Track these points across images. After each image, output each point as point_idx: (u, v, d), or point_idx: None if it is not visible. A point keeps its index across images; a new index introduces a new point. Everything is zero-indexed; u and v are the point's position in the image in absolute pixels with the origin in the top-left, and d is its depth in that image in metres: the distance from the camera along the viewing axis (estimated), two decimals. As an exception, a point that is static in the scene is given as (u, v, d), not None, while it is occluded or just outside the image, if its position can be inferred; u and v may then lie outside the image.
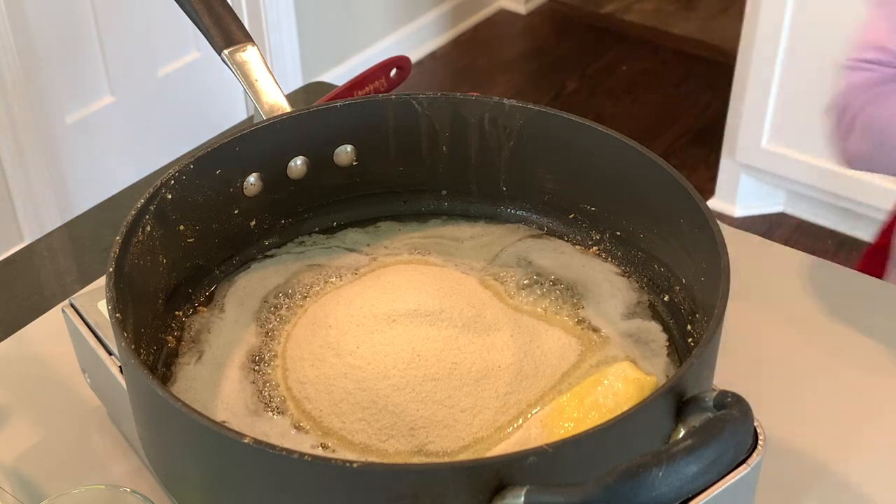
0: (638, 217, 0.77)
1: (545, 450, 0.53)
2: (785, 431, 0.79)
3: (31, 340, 0.89)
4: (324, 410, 0.67)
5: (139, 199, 0.70)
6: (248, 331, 0.75)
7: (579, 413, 0.64)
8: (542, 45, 3.12)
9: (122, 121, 2.35)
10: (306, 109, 0.78)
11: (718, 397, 0.56)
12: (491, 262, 0.80)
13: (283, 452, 0.53)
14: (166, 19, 2.32)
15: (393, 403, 0.66)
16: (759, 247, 0.98)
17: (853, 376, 0.85)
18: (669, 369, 0.72)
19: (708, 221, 0.67)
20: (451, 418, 0.66)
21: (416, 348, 0.68)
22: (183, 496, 0.65)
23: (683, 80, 2.96)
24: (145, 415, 0.63)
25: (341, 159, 0.81)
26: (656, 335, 0.74)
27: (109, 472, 0.77)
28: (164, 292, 0.74)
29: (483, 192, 0.83)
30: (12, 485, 0.76)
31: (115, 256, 0.66)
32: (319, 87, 1.30)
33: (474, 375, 0.67)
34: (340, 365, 0.68)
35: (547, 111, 0.78)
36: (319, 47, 2.71)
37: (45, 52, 2.14)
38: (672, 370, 0.72)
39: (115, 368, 0.71)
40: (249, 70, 0.79)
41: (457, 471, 0.54)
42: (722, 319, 0.61)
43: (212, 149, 0.74)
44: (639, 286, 0.78)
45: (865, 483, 0.76)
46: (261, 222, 0.80)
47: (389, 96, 0.79)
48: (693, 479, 0.51)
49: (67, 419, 0.81)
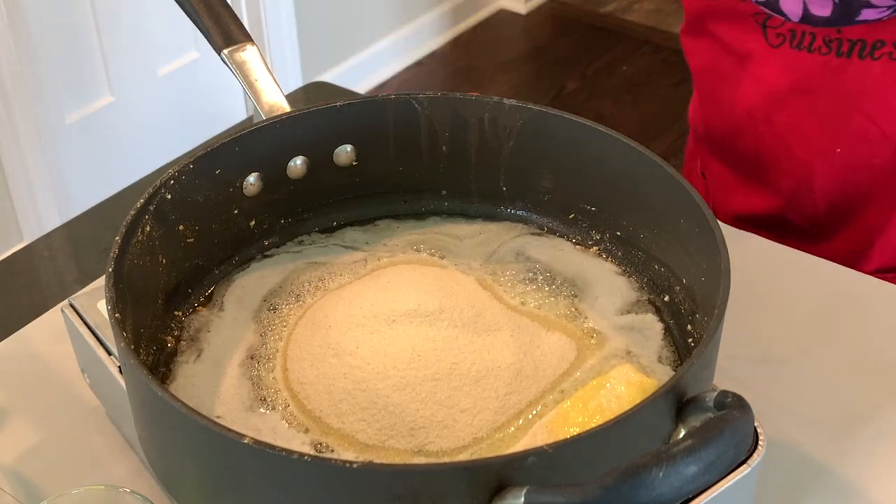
0: (638, 217, 0.77)
1: (545, 450, 0.53)
2: (785, 431, 0.79)
3: (30, 340, 0.88)
4: (323, 410, 0.67)
5: (139, 199, 0.70)
6: (247, 329, 0.75)
7: (584, 418, 0.64)
8: (542, 45, 3.12)
9: (122, 121, 2.35)
10: (306, 109, 0.78)
11: (718, 397, 0.56)
12: (489, 258, 0.80)
13: (283, 452, 0.53)
14: (166, 19, 2.32)
15: (393, 403, 0.66)
16: (759, 247, 0.98)
17: (853, 376, 0.85)
18: (665, 353, 0.72)
19: (708, 221, 0.67)
20: (450, 418, 0.66)
21: (415, 348, 0.68)
22: (183, 496, 0.65)
23: (683, 80, 2.96)
24: (145, 415, 0.63)
25: (341, 159, 0.81)
26: (652, 325, 0.74)
27: (109, 472, 0.77)
28: (164, 292, 0.74)
29: (483, 192, 0.83)
30: (12, 485, 0.76)
31: (115, 256, 0.66)
32: (319, 87, 1.30)
33: (474, 375, 0.67)
34: (340, 365, 0.68)
35: (547, 111, 0.78)
36: (319, 47, 2.71)
37: (45, 52, 2.14)
38: (668, 354, 0.72)
39: (115, 368, 0.71)
40: (249, 70, 0.79)
41: (457, 471, 0.54)
42: (722, 319, 0.61)
43: (212, 149, 0.74)
44: (639, 286, 0.78)
45: (865, 483, 0.76)
46: (260, 222, 0.80)
47: (389, 96, 0.79)
48: (693, 479, 0.51)
49: (67, 419, 0.81)
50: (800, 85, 1.04)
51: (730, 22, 1.07)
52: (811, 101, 1.05)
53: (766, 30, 1.04)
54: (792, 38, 1.03)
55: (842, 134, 1.05)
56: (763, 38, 1.04)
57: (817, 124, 1.05)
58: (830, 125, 1.05)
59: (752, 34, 1.05)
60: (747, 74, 1.08)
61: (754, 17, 1.04)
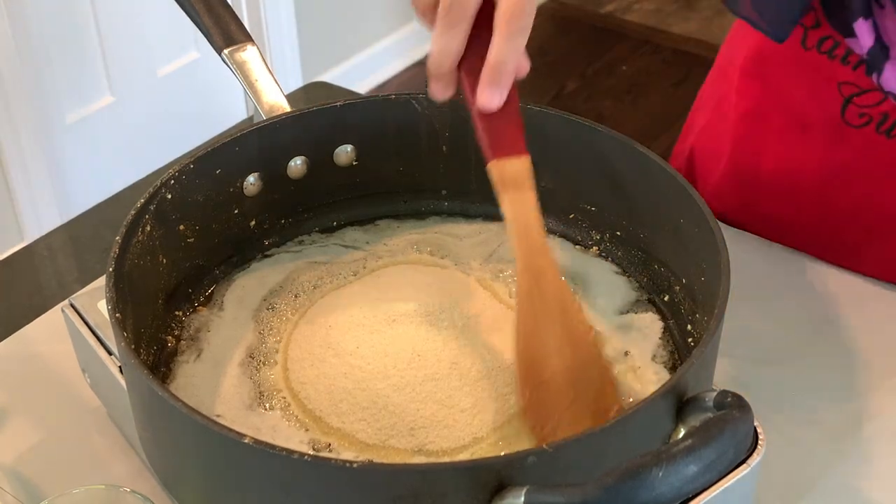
0: (638, 217, 0.77)
1: (545, 450, 0.53)
2: (785, 431, 0.79)
3: (31, 340, 0.88)
4: (324, 410, 0.67)
5: (139, 199, 0.70)
6: (247, 329, 0.75)
7: None
8: (542, 45, 3.12)
9: (122, 121, 2.35)
10: (306, 109, 0.78)
11: (718, 397, 0.56)
12: (489, 258, 0.80)
13: (283, 452, 0.53)
14: (166, 19, 2.32)
15: (393, 403, 0.66)
16: (759, 247, 0.98)
17: (853, 376, 0.85)
18: (661, 352, 0.72)
19: (708, 221, 0.67)
20: (450, 418, 0.66)
21: (415, 348, 0.68)
22: (183, 496, 0.65)
23: (683, 80, 2.96)
24: (145, 415, 0.63)
25: (341, 159, 0.81)
26: (652, 324, 0.74)
27: (109, 472, 0.77)
28: (164, 292, 0.74)
29: (483, 192, 0.83)
30: (12, 485, 0.76)
31: (115, 256, 0.66)
32: (319, 87, 1.29)
33: (474, 375, 0.67)
34: (340, 364, 0.68)
35: (547, 111, 0.78)
36: (319, 47, 2.71)
37: (45, 52, 2.14)
38: (664, 353, 0.72)
39: (115, 368, 0.71)
40: (249, 70, 0.79)
41: (457, 471, 0.54)
42: (722, 319, 0.61)
43: (212, 149, 0.74)
44: (638, 286, 0.78)
45: (865, 483, 0.76)
46: (261, 222, 0.80)
47: (389, 96, 0.79)
48: (693, 479, 0.51)
49: (67, 419, 0.81)
50: (868, 170, 0.90)
51: (796, 77, 0.90)
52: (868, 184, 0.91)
53: (846, 107, 0.87)
54: (882, 122, 0.86)
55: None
56: (839, 113, 0.88)
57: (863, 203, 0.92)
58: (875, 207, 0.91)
59: (824, 101, 0.88)
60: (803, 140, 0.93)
61: (839, 88, 0.87)
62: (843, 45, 0.84)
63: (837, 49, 0.85)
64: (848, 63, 0.85)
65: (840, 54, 0.85)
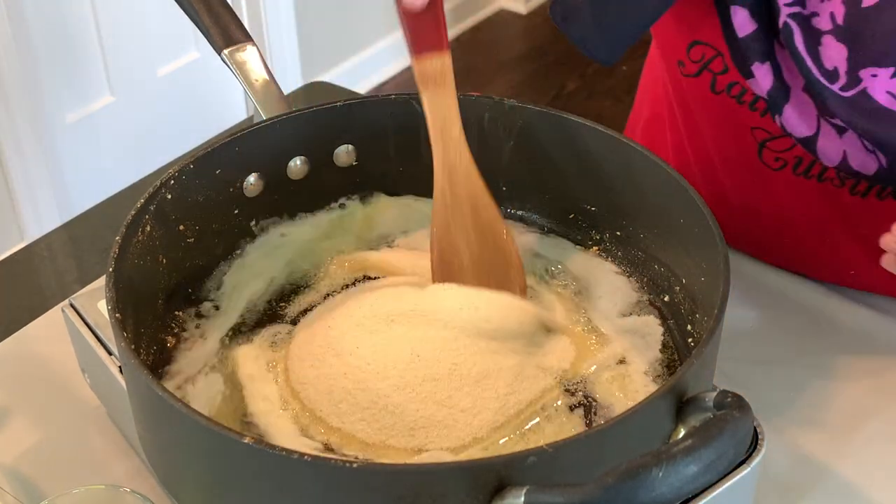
0: (638, 217, 0.77)
1: (545, 450, 0.53)
2: (785, 431, 0.79)
3: (30, 340, 0.88)
4: (324, 410, 0.67)
5: (139, 199, 0.70)
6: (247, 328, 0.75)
7: None
8: (542, 45, 3.12)
9: (122, 121, 2.35)
10: (306, 109, 0.78)
11: (718, 397, 0.56)
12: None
13: (283, 452, 0.53)
14: (166, 19, 2.32)
15: (393, 403, 0.66)
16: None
17: (853, 376, 0.85)
18: (660, 357, 0.72)
19: (708, 221, 0.67)
20: (450, 418, 0.66)
21: (415, 348, 0.68)
22: (183, 496, 0.65)
23: (683, 80, 2.96)
24: (145, 415, 0.63)
25: (341, 159, 0.81)
26: (653, 327, 0.74)
27: (109, 472, 0.77)
28: (164, 292, 0.74)
29: (483, 192, 0.83)
30: (12, 485, 0.76)
31: (115, 256, 0.66)
32: (319, 87, 1.30)
33: (474, 376, 0.67)
34: (340, 365, 0.68)
35: (547, 111, 0.78)
36: (319, 47, 2.71)
37: (45, 52, 2.14)
38: (663, 358, 0.72)
39: (115, 368, 0.71)
40: (249, 70, 0.79)
41: (457, 471, 0.54)
42: (722, 319, 0.61)
43: (212, 149, 0.74)
44: (639, 286, 0.78)
45: (865, 483, 0.76)
46: (260, 222, 0.80)
47: (389, 96, 0.79)
48: (693, 479, 0.51)
49: (67, 419, 0.81)
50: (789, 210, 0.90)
51: (712, 118, 0.89)
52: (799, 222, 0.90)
53: (762, 150, 0.86)
54: (797, 165, 0.86)
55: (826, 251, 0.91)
56: (757, 157, 0.87)
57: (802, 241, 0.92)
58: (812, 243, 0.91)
59: (741, 143, 0.87)
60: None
61: (752, 133, 0.86)
62: (751, 90, 0.82)
63: (745, 95, 0.83)
64: (756, 109, 0.84)
65: (748, 100, 0.84)
